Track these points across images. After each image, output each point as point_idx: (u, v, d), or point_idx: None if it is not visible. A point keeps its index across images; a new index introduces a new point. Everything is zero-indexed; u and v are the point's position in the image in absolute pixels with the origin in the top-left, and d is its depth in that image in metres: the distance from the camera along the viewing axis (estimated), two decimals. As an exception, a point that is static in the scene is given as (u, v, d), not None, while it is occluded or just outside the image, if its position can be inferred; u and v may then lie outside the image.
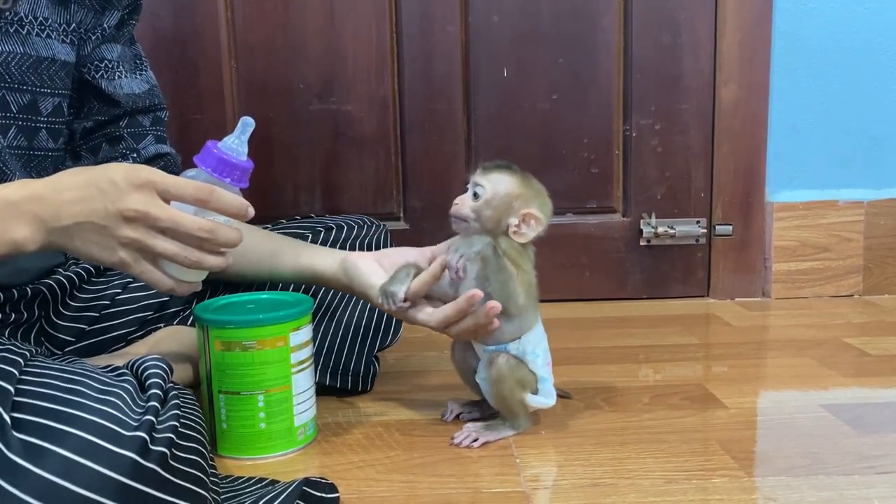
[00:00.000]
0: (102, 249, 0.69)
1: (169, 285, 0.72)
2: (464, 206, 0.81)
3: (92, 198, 0.67)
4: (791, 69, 1.45)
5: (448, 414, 0.90)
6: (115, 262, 0.69)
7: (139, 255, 0.69)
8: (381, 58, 1.43)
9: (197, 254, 0.70)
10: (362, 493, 0.73)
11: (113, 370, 0.65)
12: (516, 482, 0.75)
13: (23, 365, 0.59)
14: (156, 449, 0.54)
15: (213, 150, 0.72)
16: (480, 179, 0.81)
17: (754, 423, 0.90)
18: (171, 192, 0.69)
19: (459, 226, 0.82)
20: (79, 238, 0.68)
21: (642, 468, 0.78)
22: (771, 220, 1.48)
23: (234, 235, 0.72)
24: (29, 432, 0.52)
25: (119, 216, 0.67)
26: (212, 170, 0.72)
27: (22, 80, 0.83)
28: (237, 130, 0.73)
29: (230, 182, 0.72)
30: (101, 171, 0.69)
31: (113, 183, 0.67)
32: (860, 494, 0.72)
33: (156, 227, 0.68)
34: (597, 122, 1.47)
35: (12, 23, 0.82)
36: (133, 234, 0.68)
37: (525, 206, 0.80)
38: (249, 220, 0.73)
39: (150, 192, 0.68)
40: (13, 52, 0.82)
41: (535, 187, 0.82)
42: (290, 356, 0.81)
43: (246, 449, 0.81)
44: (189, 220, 0.69)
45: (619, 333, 1.28)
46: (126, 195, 0.67)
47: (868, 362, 1.11)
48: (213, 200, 0.69)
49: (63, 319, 0.93)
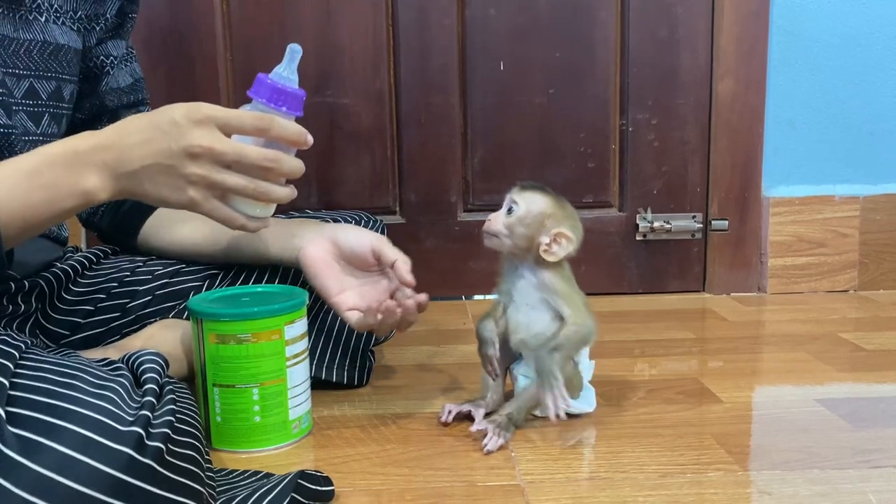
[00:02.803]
0: (172, 190, 0.68)
1: (240, 221, 0.72)
2: (497, 221, 0.83)
3: (156, 139, 0.67)
4: (788, 64, 1.45)
5: (445, 415, 0.88)
6: (185, 201, 0.69)
7: (208, 192, 0.69)
8: (377, 51, 1.42)
9: (264, 185, 0.70)
10: (357, 486, 0.73)
11: (108, 364, 0.65)
12: (511, 476, 0.75)
13: (17, 358, 0.59)
14: (151, 444, 0.54)
15: (266, 81, 0.71)
16: (516, 197, 0.83)
17: (749, 418, 0.90)
18: (232, 125, 0.68)
19: (492, 241, 0.84)
20: (148, 181, 0.68)
21: (637, 462, 0.78)
22: (767, 215, 1.48)
23: (298, 164, 0.72)
24: (24, 427, 0.52)
25: (184, 154, 0.67)
26: (266, 100, 0.71)
27: (46, 68, 0.84)
28: (286, 59, 0.72)
29: (286, 110, 0.72)
30: (161, 113, 0.69)
31: (174, 122, 0.67)
32: (855, 488, 0.72)
33: (221, 161, 0.68)
34: (593, 117, 1.47)
35: (31, 10, 0.83)
36: (200, 170, 0.68)
37: (557, 225, 0.82)
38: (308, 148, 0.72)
39: (211, 127, 0.68)
40: (34, 39, 0.83)
41: (567, 209, 0.84)
42: (285, 349, 0.81)
43: (241, 442, 0.81)
44: (254, 151, 0.69)
45: (614, 328, 1.27)
46: (188, 132, 0.67)
47: (863, 357, 1.11)
48: (273, 129, 0.69)
49: (58, 312, 0.93)
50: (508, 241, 0.83)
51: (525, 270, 0.85)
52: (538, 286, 0.84)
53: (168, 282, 0.98)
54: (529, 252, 0.83)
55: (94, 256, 1.00)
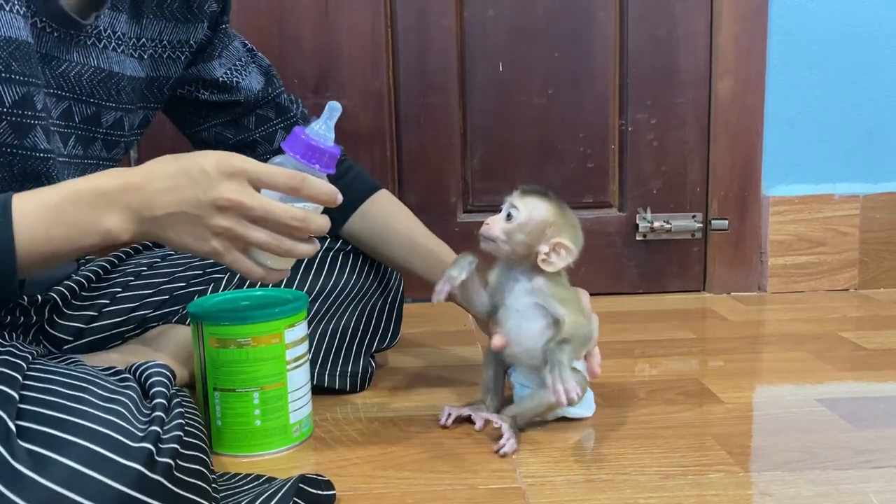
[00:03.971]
0: (195, 239, 0.68)
1: (260, 274, 0.71)
2: (495, 226, 0.81)
3: (184, 187, 0.66)
4: (788, 63, 1.45)
5: (445, 418, 0.88)
6: (208, 251, 0.68)
7: (231, 244, 0.68)
8: (376, 52, 1.42)
9: (289, 243, 0.69)
10: (358, 490, 0.73)
11: (115, 374, 0.65)
12: (513, 478, 0.75)
13: (26, 369, 0.59)
14: (161, 460, 0.54)
15: (301, 136, 0.71)
16: (517, 202, 0.81)
17: (750, 418, 0.90)
18: (264, 181, 0.68)
19: (488, 245, 0.82)
20: (171, 228, 0.67)
21: (638, 464, 0.78)
22: (767, 214, 1.48)
23: (324, 223, 0.71)
24: (33, 441, 0.52)
25: (212, 205, 0.66)
26: (300, 156, 0.71)
27: (91, 93, 0.82)
28: (324, 115, 0.72)
29: (319, 168, 0.71)
30: (192, 160, 0.67)
31: (204, 172, 0.66)
32: (856, 489, 0.72)
33: (248, 216, 0.67)
34: (593, 117, 1.47)
35: (91, 36, 0.81)
36: (225, 223, 0.67)
37: (557, 234, 0.80)
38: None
39: (242, 181, 0.67)
40: (87, 64, 0.81)
41: (569, 218, 0.83)
42: (286, 353, 0.81)
43: (241, 446, 0.81)
44: (281, 209, 0.68)
45: (615, 328, 1.27)
46: (218, 184, 0.66)
47: (864, 356, 1.11)
48: (304, 189, 0.68)
49: (63, 319, 0.93)
50: (506, 247, 0.81)
51: (519, 274, 0.83)
52: (531, 290, 0.82)
53: (172, 287, 0.98)
54: (527, 259, 0.82)
55: (105, 267, 1.00)
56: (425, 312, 1.36)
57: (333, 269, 1.00)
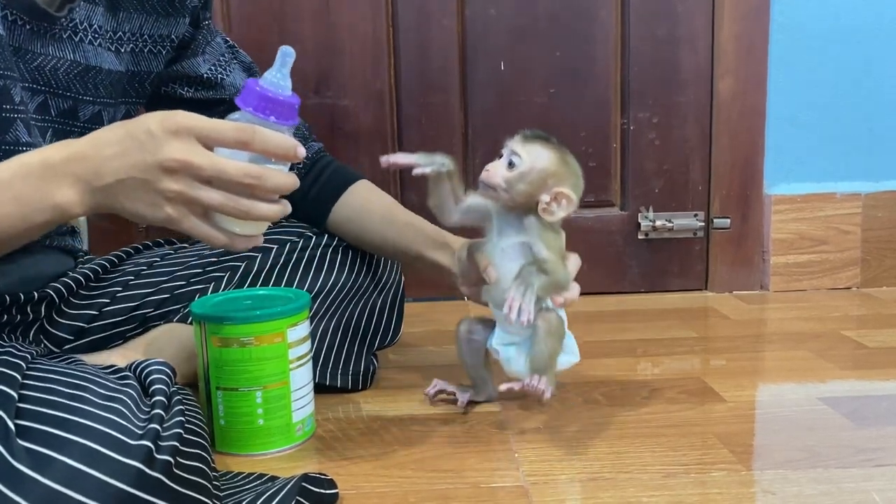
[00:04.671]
0: (148, 206, 0.64)
1: (223, 241, 0.67)
2: (496, 174, 0.78)
3: (130, 151, 0.63)
4: (789, 62, 1.45)
5: (431, 389, 0.91)
6: (163, 218, 0.65)
7: (187, 209, 0.64)
8: (377, 51, 1.42)
9: (246, 203, 0.65)
10: (360, 489, 0.73)
11: (115, 372, 0.65)
12: (515, 477, 0.75)
13: (25, 368, 0.59)
14: (161, 458, 0.54)
15: (255, 88, 0.66)
16: (519, 149, 0.78)
17: (752, 417, 0.90)
18: (212, 137, 0.64)
19: (487, 193, 0.79)
20: (123, 196, 0.64)
21: (641, 462, 0.78)
22: (769, 212, 1.48)
23: (287, 179, 0.66)
24: (33, 440, 0.52)
25: (159, 168, 0.62)
26: (254, 109, 0.66)
27: (67, 87, 0.82)
28: (276, 63, 0.67)
29: (275, 120, 0.66)
30: (138, 122, 0.64)
31: (150, 133, 0.63)
32: (858, 487, 0.72)
33: (199, 176, 0.63)
34: (594, 116, 1.47)
35: (66, 29, 0.80)
36: (176, 186, 0.63)
37: (559, 184, 0.78)
38: (298, 161, 0.68)
39: (189, 139, 0.63)
40: (63, 57, 0.81)
41: (571, 167, 0.80)
42: (288, 352, 0.81)
43: (244, 445, 0.81)
44: (233, 166, 0.63)
45: (617, 327, 1.28)
46: (164, 144, 0.62)
47: (866, 355, 1.11)
48: (256, 142, 0.64)
49: (64, 318, 0.93)
50: (506, 195, 0.78)
51: (514, 215, 0.81)
52: (521, 228, 0.80)
53: (172, 286, 0.98)
54: (526, 207, 0.79)
55: (104, 266, 1.00)
56: (426, 311, 1.37)
57: (333, 267, 1.00)
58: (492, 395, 0.93)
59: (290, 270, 0.98)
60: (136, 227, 1.44)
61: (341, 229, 1.03)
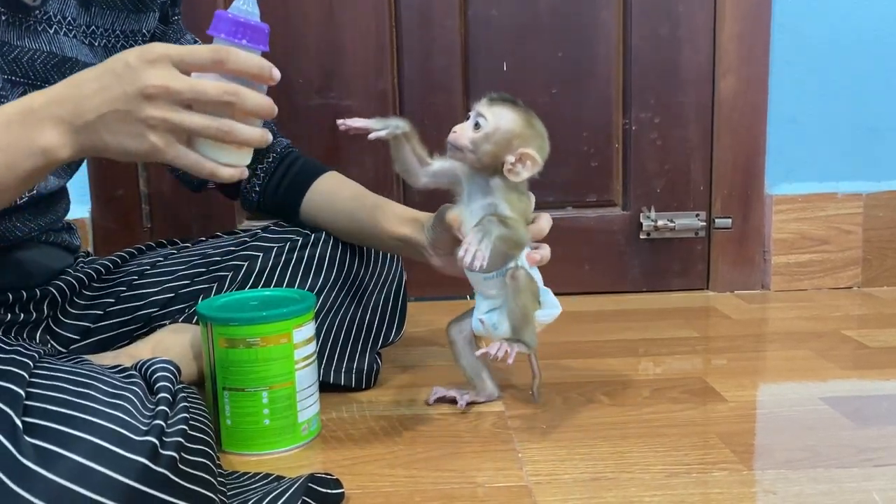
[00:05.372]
0: (132, 138, 0.65)
1: (209, 168, 0.68)
2: (463, 135, 0.79)
3: (110, 86, 0.64)
4: (790, 61, 1.45)
5: (432, 397, 0.93)
6: (148, 149, 0.65)
7: (171, 136, 0.65)
8: (380, 52, 1.43)
9: (228, 122, 0.66)
10: (366, 489, 0.74)
11: (121, 371, 0.66)
12: (519, 476, 0.76)
13: (32, 367, 0.60)
14: (165, 453, 0.55)
15: (227, 16, 0.68)
16: (484, 111, 0.79)
17: (754, 417, 0.91)
18: (188, 61, 0.65)
19: (455, 154, 0.80)
20: (106, 132, 0.65)
21: (643, 462, 0.78)
22: (770, 212, 1.48)
23: (264, 101, 0.68)
24: (41, 437, 0.53)
25: (139, 96, 0.64)
26: (225, 34, 0.67)
27: (45, 79, 0.83)
28: None
29: (247, 43, 0.68)
30: (115, 58, 0.66)
31: (127, 65, 0.64)
32: (859, 487, 0.72)
33: (179, 100, 0.64)
34: (596, 116, 1.47)
35: (41, 21, 0.82)
36: (158, 112, 0.64)
37: (524, 145, 0.79)
38: (275, 82, 0.69)
39: (167, 66, 0.64)
40: (39, 49, 0.82)
41: (537, 128, 0.81)
42: (294, 353, 0.82)
43: (250, 445, 0.82)
44: (211, 86, 0.65)
45: (619, 327, 1.28)
46: (142, 73, 0.64)
47: (867, 354, 1.12)
48: (230, 61, 0.65)
49: (69, 318, 0.94)
50: (473, 156, 0.79)
51: (480, 177, 0.82)
52: (487, 190, 0.81)
53: (176, 285, 0.99)
54: (492, 168, 0.80)
55: (108, 266, 1.01)
56: (428, 311, 1.37)
57: (334, 264, 1.01)
58: (492, 394, 0.94)
59: (292, 269, 0.99)
60: (140, 225, 1.45)
61: (314, 217, 1.04)
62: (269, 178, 1.05)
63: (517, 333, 0.83)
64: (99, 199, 1.45)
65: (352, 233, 1.02)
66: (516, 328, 0.83)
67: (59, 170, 0.91)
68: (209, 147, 0.68)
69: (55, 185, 0.91)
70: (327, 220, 1.03)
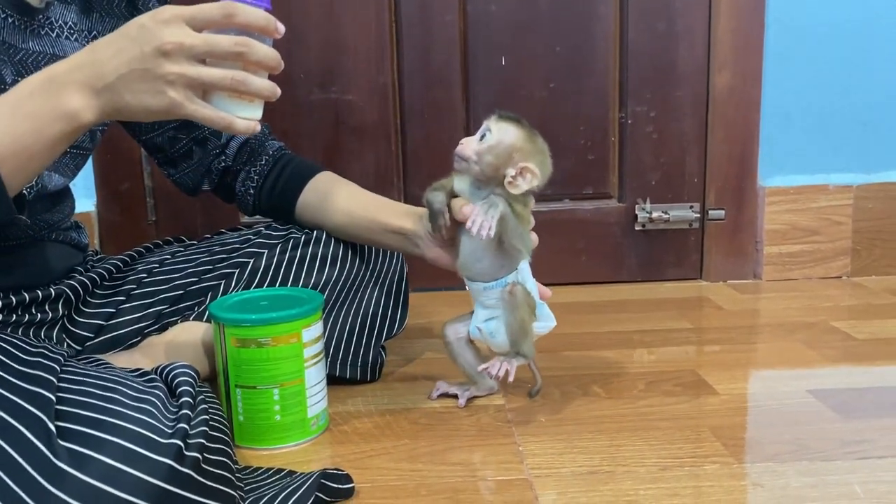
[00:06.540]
0: (152, 95, 0.69)
1: (226, 121, 0.72)
2: (469, 147, 0.84)
3: (127, 48, 0.68)
4: (784, 56, 1.47)
5: (434, 392, 0.97)
6: (167, 104, 0.69)
7: (188, 91, 0.70)
8: (380, 47, 1.45)
9: (241, 74, 0.71)
10: (375, 483, 0.77)
11: (141, 375, 0.69)
12: (520, 470, 0.79)
13: (59, 371, 0.63)
14: (190, 454, 0.58)
15: None
16: (492, 125, 0.84)
17: (744, 410, 0.95)
18: (198, 18, 0.69)
19: (460, 165, 0.85)
20: (127, 91, 0.69)
21: (638, 455, 0.82)
22: (763, 204, 1.51)
23: (271, 52, 0.73)
24: (72, 440, 0.56)
25: (157, 53, 0.68)
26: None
27: None
28: None
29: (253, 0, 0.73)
30: (129, 24, 0.70)
31: (142, 26, 0.69)
32: (841, 479, 0.76)
33: (194, 54, 0.69)
34: (593, 110, 1.50)
35: (43, 25, 0.85)
36: (176, 67, 0.68)
37: (524, 159, 0.83)
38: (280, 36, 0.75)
39: (179, 24, 0.69)
40: (43, 52, 0.85)
41: (538, 145, 0.85)
42: (303, 351, 0.85)
43: (262, 440, 0.85)
44: (224, 38, 0.70)
45: (614, 318, 1.32)
46: (157, 32, 0.68)
47: (854, 346, 1.16)
48: (238, 14, 0.70)
49: (82, 316, 0.97)
50: (476, 167, 0.84)
51: (486, 189, 0.86)
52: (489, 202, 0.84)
53: (185, 282, 1.02)
54: (495, 180, 0.84)
55: (118, 265, 1.03)
56: (429, 303, 1.40)
57: (337, 259, 1.03)
58: (492, 387, 0.98)
59: (297, 266, 1.02)
60: (145, 218, 1.47)
61: (310, 216, 1.06)
62: (263, 181, 1.08)
63: (515, 346, 0.88)
64: (104, 192, 1.47)
65: (348, 230, 1.04)
66: (515, 341, 0.88)
67: (64, 168, 0.93)
68: (224, 101, 0.73)
69: (60, 184, 0.94)
70: (324, 219, 1.05)
